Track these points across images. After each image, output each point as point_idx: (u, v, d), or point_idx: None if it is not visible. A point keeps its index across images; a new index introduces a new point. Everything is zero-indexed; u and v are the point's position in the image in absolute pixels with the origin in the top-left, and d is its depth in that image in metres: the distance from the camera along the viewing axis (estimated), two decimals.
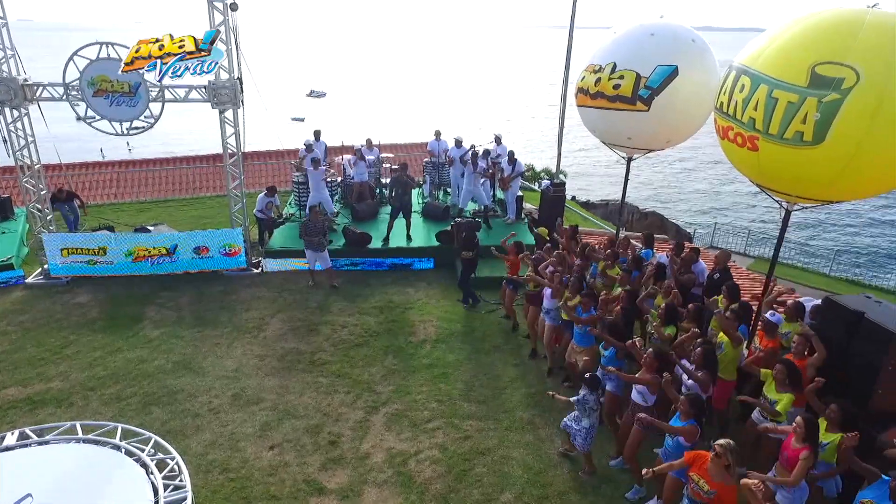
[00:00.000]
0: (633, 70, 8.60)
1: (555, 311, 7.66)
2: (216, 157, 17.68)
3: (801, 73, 5.86)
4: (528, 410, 7.11)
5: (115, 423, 5.66)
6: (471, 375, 7.85)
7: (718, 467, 4.34)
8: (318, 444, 6.47)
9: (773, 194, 7.02)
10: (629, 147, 9.63)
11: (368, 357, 8.28)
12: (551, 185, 12.35)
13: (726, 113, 6.73)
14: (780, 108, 6.01)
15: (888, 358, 5.19)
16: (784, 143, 6.06)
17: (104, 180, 16.68)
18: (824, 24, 6.02)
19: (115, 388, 7.42)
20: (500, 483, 5.91)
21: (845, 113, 5.65)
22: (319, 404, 7.20)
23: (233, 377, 7.73)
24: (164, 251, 10.43)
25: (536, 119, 55.24)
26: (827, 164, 5.93)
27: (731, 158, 7.13)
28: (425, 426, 6.81)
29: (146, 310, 9.51)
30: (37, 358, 8.06)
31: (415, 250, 11.43)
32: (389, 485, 5.89)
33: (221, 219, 13.76)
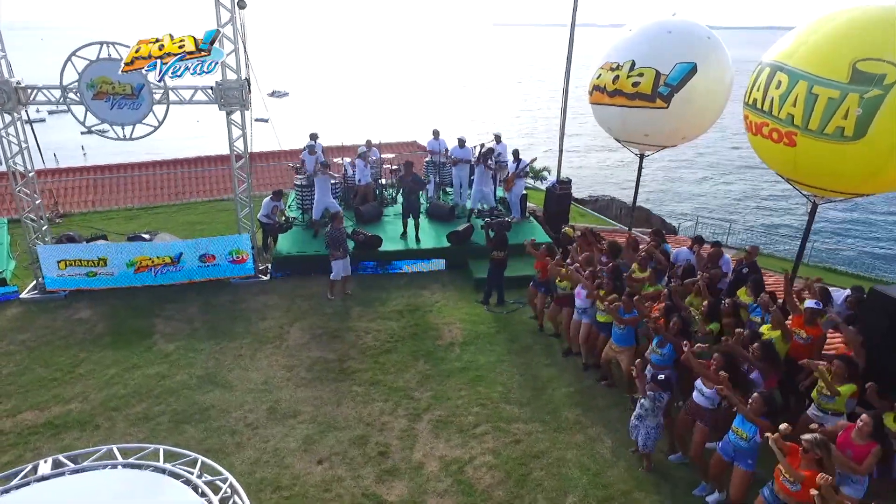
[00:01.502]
0: (653, 67, 8.69)
1: (591, 310, 7.68)
2: (203, 160, 17.09)
3: (843, 70, 5.99)
4: (572, 410, 7.09)
5: (156, 445, 5.33)
6: (507, 377, 7.78)
7: (808, 461, 4.39)
8: (368, 456, 6.29)
9: (802, 188, 7.17)
10: (643, 144, 9.72)
11: (399, 363, 8.10)
12: (557, 184, 12.39)
13: (761, 109, 6.83)
14: (820, 104, 6.14)
15: None
16: (824, 138, 6.19)
17: (82, 186, 15.86)
18: (861, 21, 6.16)
19: (140, 408, 7.04)
20: (561, 486, 5.87)
21: (887, 108, 5.78)
22: (360, 414, 7.00)
23: (263, 390, 7.44)
24: (168, 260, 9.98)
25: (521, 118, 55.45)
26: (867, 158, 6.09)
27: (763, 154, 7.25)
28: (473, 431, 6.70)
29: (154, 323, 9.08)
30: (48, 379, 7.58)
31: (426, 252, 11.27)
32: (451, 494, 5.76)
33: (217, 224, 13.32)
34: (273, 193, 11.66)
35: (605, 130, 10.19)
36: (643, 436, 5.94)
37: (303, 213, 12.32)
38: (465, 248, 11.32)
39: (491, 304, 9.82)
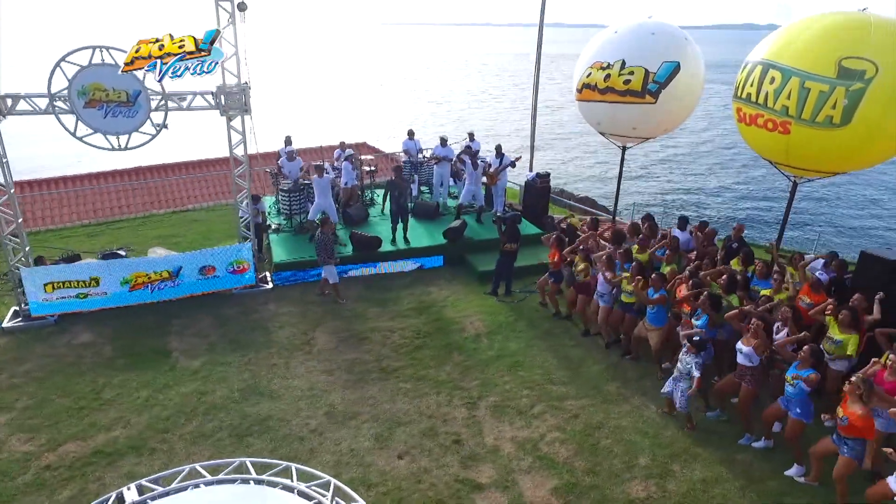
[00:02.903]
0: (642, 66, 9.47)
1: (608, 295, 8.32)
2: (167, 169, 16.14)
3: (830, 67, 6.99)
4: (611, 384, 7.68)
5: (241, 458, 5.17)
6: (542, 360, 8.25)
7: (854, 398, 5.21)
8: (444, 446, 6.51)
9: (786, 170, 8.21)
10: (629, 137, 10.55)
11: (435, 357, 8.33)
12: (537, 177, 13.03)
13: (755, 102, 7.75)
14: (812, 97, 7.11)
15: None
16: (816, 126, 7.18)
17: (30, 202, 14.29)
18: (842, 24, 7.21)
19: (191, 427, 6.78)
20: (630, 450, 6.42)
21: (868, 99, 6.84)
22: (418, 408, 7.18)
23: (312, 395, 7.41)
24: (166, 275, 9.50)
25: (430, 115, 55.94)
26: (852, 141, 7.14)
27: (755, 142, 8.22)
28: (531, 412, 7.11)
29: (167, 341, 8.66)
30: (74, 408, 7.07)
31: (424, 250, 11.48)
32: (536, 469, 6.14)
33: (192, 236, 12.73)
34: (251, 197, 11.34)
35: (591, 125, 10.91)
36: (679, 397, 6.62)
37: (290, 218, 12.08)
38: (461, 243, 11.66)
39: (500, 295, 10.25)
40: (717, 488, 5.88)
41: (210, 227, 13.08)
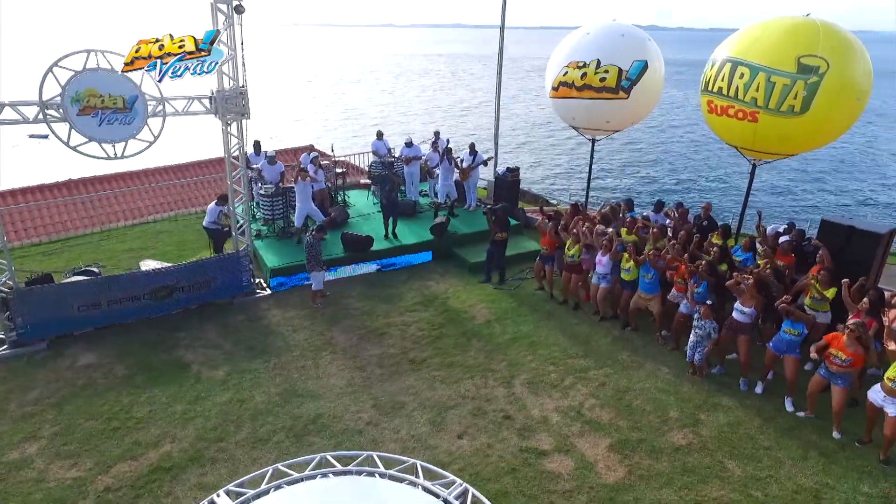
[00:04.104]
0: (616, 65, 10.39)
1: (609, 275, 9.12)
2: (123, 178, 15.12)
3: (791, 63, 8.17)
4: (622, 353, 8.47)
5: (317, 454, 5.12)
6: (554, 339, 8.88)
7: (851, 340, 6.27)
8: (496, 422, 6.95)
9: (748, 154, 9.42)
10: (601, 130, 11.48)
11: (457, 345, 8.72)
12: (507, 171, 13.70)
13: (727, 95, 8.85)
14: (777, 89, 8.27)
15: (879, 248, 7.80)
16: (780, 114, 8.36)
17: None
18: (795, 27, 8.43)
19: (244, 433, 6.73)
20: (660, 407, 7.20)
21: (822, 90, 8.09)
22: (459, 392, 7.55)
23: (353, 391, 7.56)
24: (167, 290, 9.14)
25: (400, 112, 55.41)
26: (809, 126, 8.38)
27: (723, 130, 9.35)
28: (563, 385, 7.71)
29: (180, 354, 8.38)
30: (108, 430, 6.75)
31: (413, 246, 11.77)
32: (588, 431, 6.74)
33: (164, 247, 12.17)
34: (219, 198, 11.09)
35: (566, 120, 11.72)
36: (699, 354, 7.55)
37: (272, 223, 11.89)
38: (446, 238, 12.08)
39: (494, 282, 10.79)
40: (741, 429, 6.78)
41: (181, 238, 12.54)
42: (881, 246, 7.85)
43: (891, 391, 5.90)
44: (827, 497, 5.81)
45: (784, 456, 6.35)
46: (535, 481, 6.02)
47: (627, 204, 11.02)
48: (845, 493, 5.85)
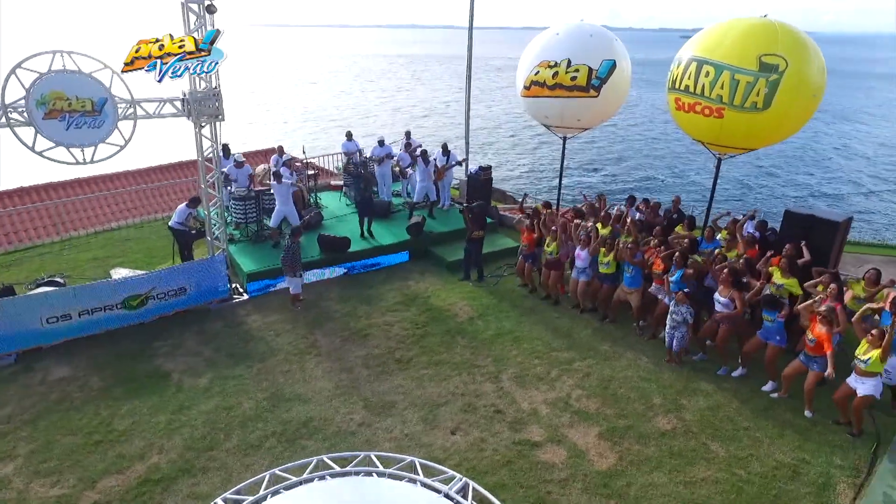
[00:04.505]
0: (586, 64, 10.66)
1: (588, 269, 9.35)
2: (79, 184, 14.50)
3: (753, 61, 8.57)
4: (602, 344, 8.71)
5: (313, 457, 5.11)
6: (537, 333, 9.05)
7: (822, 324, 6.64)
8: (488, 417, 7.05)
9: (714, 149, 9.83)
10: (572, 128, 11.75)
11: (442, 343, 8.78)
12: (480, 170, 13.84)
13: (693, 92, 9.21)
14: (741, 87, 8.67)
15: (837, 236, 8.29)
16: (744, 110, 8.77)
17: None
18: (755, 28, 8.84)
19: (234, 441, 6.60)
20: (643, 394, 7.44)
21: (782, 87, 8.52)
22: (448, 390, 7.61)
23: (342, 393, 7.52)
24: (142, 298, 8.86)
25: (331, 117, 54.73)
26: (770, 121, 8.81)
27: (691, 127, 9.72)
28: (549, 377, 7.88)
29: (158, 363, 8.15)
30: (89, 444, 6.51)
31: (390, 247, 11.75)
32: (577, 422, 6.91)
33: (133, 255, 11.77)
34: (190, 200, 10.86)
35: (538, 119, 11.93)
36: (677, 340, 7.84)
37: (244, 226, 11.65)
38: (423, 238, 12.11)
39: (473, 280, 10.90)
40: (720, 412, 7.09)
41: (150, 245, 12.14)
42: (839, 233, 8.32)
43: (860, 371, 6.28)
44: (804, 471, 6.15)
45: (762, 435, 6.68)
46: (531, 472, 6.14)
47: (601, 199, 11.32)
48: (820, 467, 6.20)
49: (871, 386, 6.28)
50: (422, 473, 4.67)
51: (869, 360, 6.16)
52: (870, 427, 6.74)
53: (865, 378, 6.29)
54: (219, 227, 9.75)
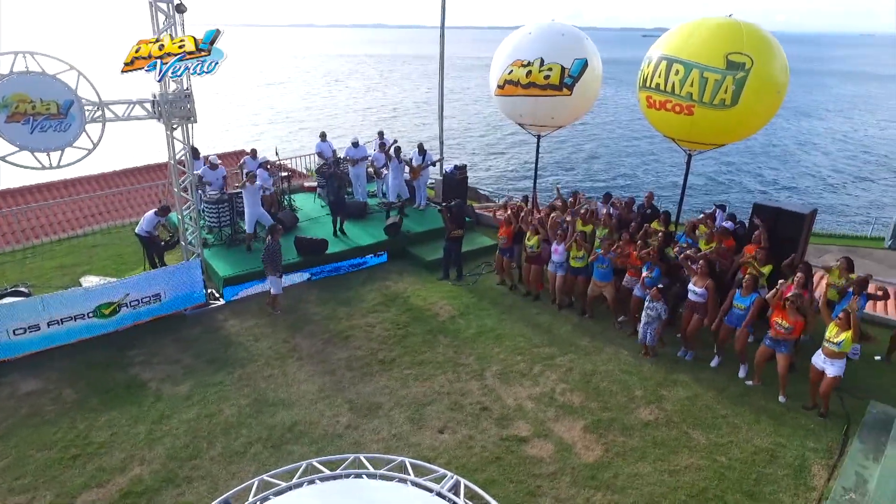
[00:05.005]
0: (559, 63, 10.78)
1: (566, 264, 9.48)
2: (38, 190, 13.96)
3: (721, 60, 8.81)
4: (583, 339, 8.85)
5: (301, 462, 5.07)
6: (519, 330, 9.13)
7: (791, 310, 6.90)
8: (475, 414, 7.09)
9: (684, 145, 10.08)
10: (546, 126, 11.87)
11: (424, 342, 8.78)
12: (455, 169, 13.88)
13: (664, 90, 9.41)
14: (710, 84, 8.90)
15: (804, 227, 8.61)
16: (713, 107, 9.01)
17: None
18: (721, 27, 9.08)
19: (218, 448, 6.48)
20: (625, 387, 7.59)
21: (748, 85, 8.78)
22: (433, 389, 7.62)
23: (326, 396, 7.45)
24: (114, 306, 8.60)
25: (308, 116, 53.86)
26: (738, 118, 9.07)
27: (662, 124, 9.93)
28: (532, 373, 7.96)
29: (134, 372, 7.93)
30: (66, 458, 6.30)
31: (368, 248, 11.68)
32: (562, 416, 7.01)
33: (101, 262, 11.42)
34: (159, 208, 10.59)
35: (512, 118, 12.01)
36: (650, 335, 8.03)
37: (218, 230, 11.42)
38: (400, 237, 12.08)
39: (452, 279, 10.93)
40: (699, 401, 7.29)
41: (118, 252, 11.79)
42: (805, 225, 8.64)
43: (830, 353, 6.55)
44: (781, 455, 6.37)
45: (740, 422, 6.89)
46: (520, 467, 6.20)
47: (576, 196, 11.48)
48: (796, 450, 6.44)
49: (839, 367, 6.57)
50: (412, 473, 4.65)
51: (842, 343, 6.44)
52: (840, 410, 7.03)
53: (835, 360, 6.57)
54: (193, 232, 9.54)
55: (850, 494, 5.68)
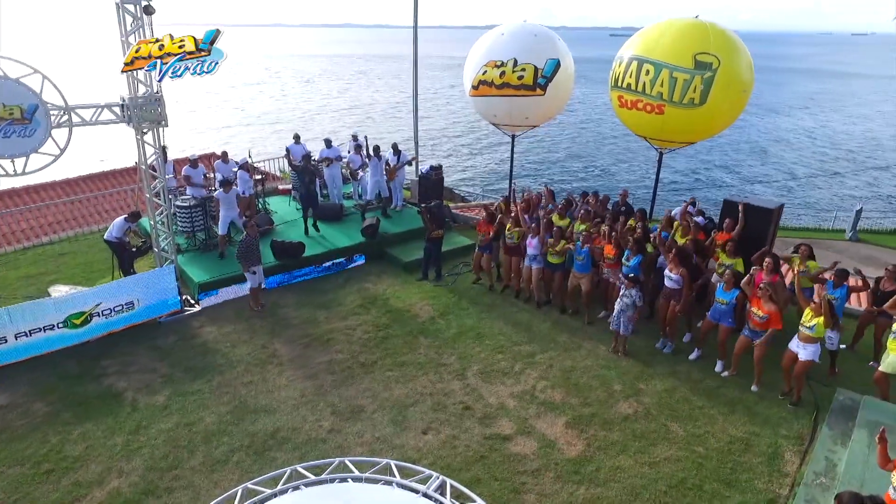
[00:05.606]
0: (532, 63, 10.93)
1: (540, 257, 9.59)
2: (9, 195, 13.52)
3: (689, 60, 9.07)
4: (562, 335, 8.97)
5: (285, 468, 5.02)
6: (499, 329, 9.20)
7: (765, 299, 7.12)
8: (458, 414, 7.12)
9: (655, 143, 10.32)
10: (520, 126, 12.01)
11: (405, 344, 8.78)
12: (431, 169, 13.90)
13: (635, 90, 9.63)
14: (679, 84, 9.15)
15: (771, 221, 8.88)
16: (682, 106, 9.26)
17: None
18: (689, 28, 9.33)
19: (199, 458, 6.38)
20: (604, 382, 7.72)
21: (716, 84, 9.05)
22: (415, 390, 7.64)
23: (308, 401, 7.40)
24: (85, 315, 8.39)
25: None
26: (707, 116, 9.34)
27: (633, 123, 10.16)
28: (513, 371, 8.04)
29: (108, 383, 7.75)
30: (38, 473, 6.12)
31: (345, 250, 11.62)
32: (544, 413, 7.10)
33: (70, 270, 11.13)
34: (130, 214, 10.35)
35: (486, 118, 12.10)
36: (623, 325, 8.17)
37: (192, 236, 11.22)
38: (378, 239, 12.05)
39: (431, 280, 10.95)
40: (676, 394, 7.46)
41: (88, 259, 11.49)
42: (773, 219, 8.92)
43: (804, 337, 6.79)
44: (755, 443, 6.57)
45: (716, 413, 7.08)
46: (504, 465, 6.26)
47: (548, 191, 11.63)
48: (769, 438, 6.65)
49: (812, 351, 6.82)
50: (398, 475, 4.67)
51: (814, 327, 6.69)
52: (809, 397, 7.28)
53: (808, 344, 6.81)
54: (166, 238, 9.36)
55: (821, 479, 5.89)
